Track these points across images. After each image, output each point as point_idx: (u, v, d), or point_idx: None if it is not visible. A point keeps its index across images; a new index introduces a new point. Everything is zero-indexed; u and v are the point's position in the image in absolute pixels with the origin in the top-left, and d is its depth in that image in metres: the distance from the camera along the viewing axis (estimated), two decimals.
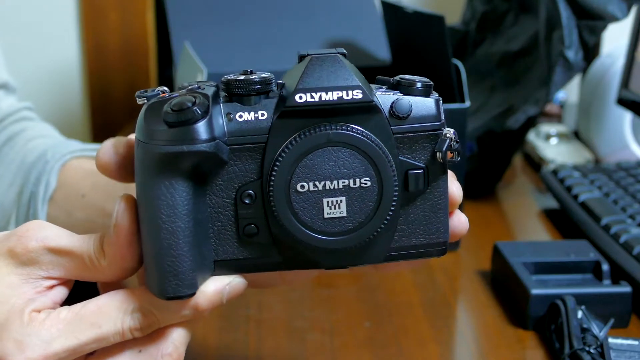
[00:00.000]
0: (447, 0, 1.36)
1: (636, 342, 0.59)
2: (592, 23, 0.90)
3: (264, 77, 0.45)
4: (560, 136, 1.13)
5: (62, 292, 0.47)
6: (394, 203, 0.45)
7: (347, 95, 0.44)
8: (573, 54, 0.90)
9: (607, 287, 0.68)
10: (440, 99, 0.46)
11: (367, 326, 0.68)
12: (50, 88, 1.40)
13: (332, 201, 0.45)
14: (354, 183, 0.45)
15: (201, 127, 0.43)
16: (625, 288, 0.66)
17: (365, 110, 0.45)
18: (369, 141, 0.44)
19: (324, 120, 0.44)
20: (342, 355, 0.63)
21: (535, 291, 0.66)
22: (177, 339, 0.47)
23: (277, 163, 0.44)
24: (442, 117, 0.46)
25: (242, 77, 0.45)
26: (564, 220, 0.89)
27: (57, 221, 0.53)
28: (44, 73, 1.39)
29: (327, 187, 0.44)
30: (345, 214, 0.45)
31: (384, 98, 0.46)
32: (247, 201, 0.45)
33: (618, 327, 0.65)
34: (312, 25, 1.03)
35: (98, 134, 1.42)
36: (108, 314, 0.45)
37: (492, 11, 1.08)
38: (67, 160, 0.67)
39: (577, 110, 1.19)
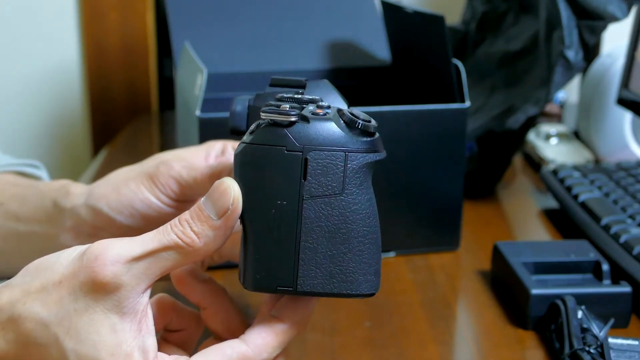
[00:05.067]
0: (447, 0, 1.36)
1: (636, 342, 0.59)
2: (592, 23, 0.90)
3: None
4: (560, 136, 1.13)
5: (150, 312, 0.47)
6: None
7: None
8: (573, 54, 0.90)
9: (607, 287, 0.68)
10: None
11: (367, 326, 0.68)
12: (50, 88, 1.40)
13: None
14: None
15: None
16: (625, 288, 0.66)
17: None
18: None
19: None
20: (342, 355, 0.63)
21: (535, 291, 0.66)
22: None
23: None
24: None
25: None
26: (564, 220, 0.89)
27: None
28: (44, 73, 1.39)
29: None
30: None
31: None
32: None
33: (618, 327, 0.65)
34: (312, 25, 1.03)
35: (98, 134, 1.42)
36: None
37: (492, 11, 1.08)
38: None
39: (577, 110, 1.19)
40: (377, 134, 0.48)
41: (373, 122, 0.48)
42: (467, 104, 0.79)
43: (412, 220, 0.81)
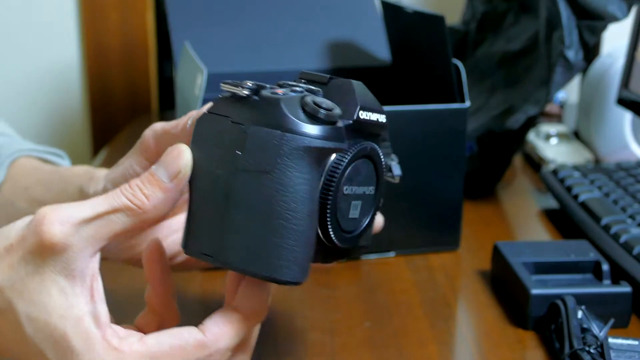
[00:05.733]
0: (447, 0, 1.36)
1: (636, 342, 0.59)
2: (592, 23, 0.90)
3: None
4: (560, 136, 1.13)
5: (100, 279, 0.47)
6: (377, 209, 0.53)
7: (382, 118, 0.52)
8: (573, 54, 0.90)
9: (607, 287, 0.68)
10: None
11: (367, 326, 0.68)
12: (50, 88, 1.40)
13: (355, 204, 0.50)
14: (368, 191, 0.51)
15: (343, 129, 0.48)
16: (625, 288, 0.66)
17: (383, 130, 0.52)
18: (381, 157, 0.51)
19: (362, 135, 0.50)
20: (342, 355, 0.63)
21: (535, 291, 0.66)
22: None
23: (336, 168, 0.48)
24: None
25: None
26: (564, 220, 0.89)
27: (0, 210, 0.60)
28: (44, 73, 1.39)
29: (356, 192, 0.50)
30: (357, 216, 0.51)
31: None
32: None
33: (618, 327, 0.65)
34: (312, 25, 1.03)
35: (98, 134, 1.42)
36: (185, 358, 0.46)
37: (492, 11, 1.08)
38: (17, 157, 0.72)
39: (577, 110, 1.19)
40: (340, 124, 0.48)
41: (336, 111, 0.47)
42: (467, 104, 0.79)
43: (412, 220, 0.81)
